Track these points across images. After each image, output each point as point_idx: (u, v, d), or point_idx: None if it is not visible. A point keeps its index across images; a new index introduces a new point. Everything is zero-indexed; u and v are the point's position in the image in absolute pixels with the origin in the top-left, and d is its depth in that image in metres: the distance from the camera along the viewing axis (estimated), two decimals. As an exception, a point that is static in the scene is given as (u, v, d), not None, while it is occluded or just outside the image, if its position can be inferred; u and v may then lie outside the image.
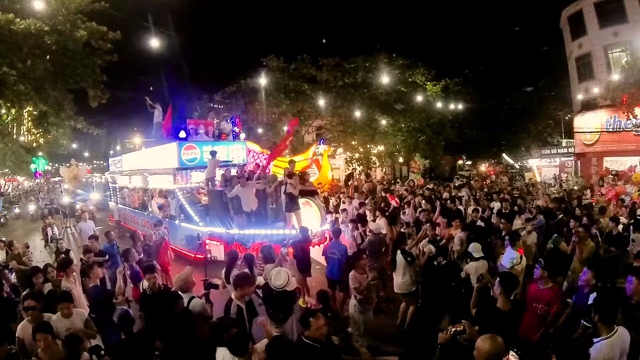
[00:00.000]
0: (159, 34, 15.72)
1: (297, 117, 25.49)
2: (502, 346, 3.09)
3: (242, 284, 5.33)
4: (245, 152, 15.17)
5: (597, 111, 26.23)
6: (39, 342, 4.26)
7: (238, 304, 5.22)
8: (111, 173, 21.19)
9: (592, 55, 27.68)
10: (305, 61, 27.29)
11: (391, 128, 29.68)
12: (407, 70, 29.06)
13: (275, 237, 10.33)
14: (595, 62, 27.47)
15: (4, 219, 20.21)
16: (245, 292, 5.30)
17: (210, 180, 12.71)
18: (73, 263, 7.21)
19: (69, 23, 15.43)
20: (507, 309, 4.45)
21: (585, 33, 28.00)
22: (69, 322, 5.14)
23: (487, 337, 3.17)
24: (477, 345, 3.16)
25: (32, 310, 5.03)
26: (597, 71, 27.27)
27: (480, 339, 3.20)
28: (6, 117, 18.20)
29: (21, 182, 43.06)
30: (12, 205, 27.49)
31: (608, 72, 25.48)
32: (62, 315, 5.16)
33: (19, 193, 36.57)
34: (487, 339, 3.15)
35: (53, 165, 37.68)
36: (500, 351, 3.08)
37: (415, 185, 19.50)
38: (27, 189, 41.18)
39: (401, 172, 37.59)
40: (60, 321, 5.10)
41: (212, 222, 11.79)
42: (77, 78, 17.25)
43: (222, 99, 30.76)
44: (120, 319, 4.98)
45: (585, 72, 28.66)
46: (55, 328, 4.80)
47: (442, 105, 30.02)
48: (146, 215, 15.65)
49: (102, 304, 6.11)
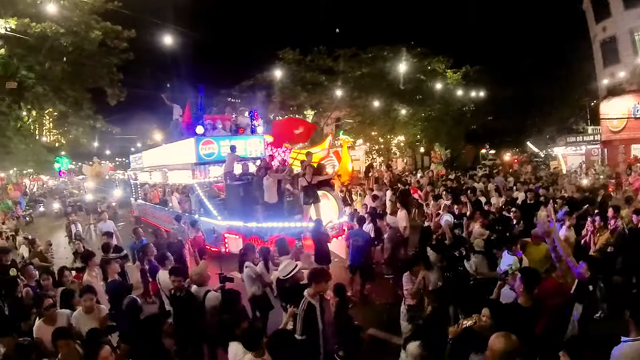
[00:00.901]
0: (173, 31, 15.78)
1: (315, 124, 25.32)
2: (516, 344, 2.95)
3: (319, 279, 4.77)
4: (264, 146, 15.11)
5: (623, 96, 25.42)
6: (61, 348, 4.23)
7: (310, 301, 4.66)
8: (132, 170, 21.47)
9: (617, 38, 26.65)
10: (322, 52, 27.12)
11: (411, 118, 29.28)
12: (426, 58, 28.59)
13: (292, 229, 10.29)
14: (621, 45, 26.44)
15: (29, 217, 20.69)
16: (322, 288, 4.78)
17: (229, 174, 12.70)
18: (94, 256, 7.28)
19: (83, 24, 15.69)
20: (529, 305, 4.26)
21: (609, 15, 26.92)
22: (92, 319, 5.04)
23: (501, 334, 3.03)
24: (490, 343, 3.03)
25: (51, 308, 5.02)
26: (623, 55, 26.25)
27: (494, 336, 3.06)
28: (27, 118, 18.61)
29: (45, 181, 44.04)
30: (37, 203, 28.13)
31: (634, 56, 24.66)
32: (84, 311, 5.08)
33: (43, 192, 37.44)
34: (501, 336, 3.01)
35: (76, 164, 38.45)
36: (514, 349, 2.93)
37: (435, 176, 19.20)
38: (52, 187, 42.19)
39: (422, 162, 37.15)
40: (82, 317, 5.04)
41: (230, 216, 11.81)
42: (95, 77, 17.62)
43: (239, 93, 30.84)
44: (127, 306, 5.19)
45: (610, 56, 27.60)
46: (77, 326, 4.81)
47: (462, 94, 29.52)
48: (167, 211, 15.81)
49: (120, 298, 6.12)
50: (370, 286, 8.57)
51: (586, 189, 13.67)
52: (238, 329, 4.11)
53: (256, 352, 3.71)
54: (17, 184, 22.78)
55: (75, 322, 4.94)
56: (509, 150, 39.28)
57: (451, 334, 3.91)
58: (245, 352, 3.78)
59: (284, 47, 27.11)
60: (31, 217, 20.99)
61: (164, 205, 16.65)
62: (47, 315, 4.95)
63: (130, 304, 5.27)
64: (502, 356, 2.92)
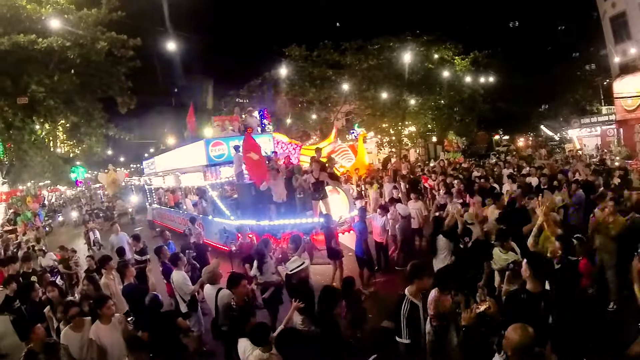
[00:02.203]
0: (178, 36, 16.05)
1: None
2: (532, 337, 2.95)
3: (420, 274, 4.39)
4: (273, 144, 15.18)
5: (636, 74, 24.77)
6: None
7: (412, 301, 4.30)
8: (146, 175, 21.77)
9: (627, 14, 25.98)
10: (328, 47, 27.02)
11: (421, 107, 29.08)
12: (433, 46, 28.32)
13: (304, 226, 10.35)
14: (631, 21, 25.77)
15: (49, 227, 21.14)
16: (424, 284, 4.38)
17: (239, 174, 12.81)
18: (112, 260, 7.48)
19: (89, 36, 15.97)
20: (538, 291, 4.15)
21: (617, -10, 26.41)
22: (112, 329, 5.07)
23: (518, 326, 3.02)
24: (506, 335, 3.03)
25: (77, 317, 5.14)
26: (634, 31, 25.58)
27: (510, 327, 3.04)
28: (40, 132, 19.04)
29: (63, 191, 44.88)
30: (56, 213, 28.70)
31: (646, 31, 24.06)
32: (102, 321, 5.05)
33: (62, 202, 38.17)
34: (517, 328, 3.00)
35: (92, 172, 39.09)
36: (530, 342, 2.94)
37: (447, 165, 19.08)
38: (70, 197, 42.99)
39: (435, 152, 36.86)
40: (101, 330, 5.02)
41: (242, 215, 11.91)
42: (104, 87, 17.94)
43: (247, 92, 30.98)
44: (150, 302, 5.59)
45: (621, 33, 26.95)
46: (98, 339, 4.90)
47: (472, 80, 29.18)
48: (181, 213, 16.02)
49: (135, 300, 6.29)
50: (383, 279, 8.59)
51: (602, 170, 13.38)
52: (247, 325, 4.19)
53: (264, 347, 3.79)
54: (35, 196, 23.26)
55: (95, 336, 4.93)
56: (523, 135, 38.80)
57: (464, 321, 3.85)
58: (254, 347, 3.85)
59: (289, 45, 27.16)
60: (51, 227, 21.44)
61: (178, 208, 16.88)
62: (75, 323, 5.08)
63: (152, 300, 5.63)
64: (519, 348, 2.94)
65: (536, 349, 3.06)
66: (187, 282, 6.60)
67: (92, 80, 17.22)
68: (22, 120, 16.29)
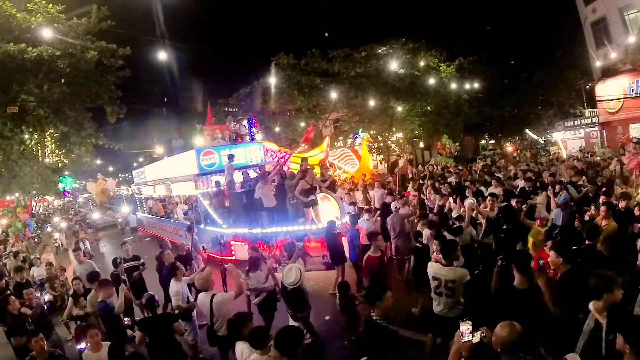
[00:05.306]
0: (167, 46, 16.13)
1: (313, 125, 25.59)
2: (520, 334, 2.96)
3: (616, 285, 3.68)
4: (263, 153, 15.31)
5: (618, 77, 25.32)
6: None
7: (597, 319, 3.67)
8: (136, 184, 21.73)
9: (608, 19, 26.64)
10: (316, 55, 27.15)
11: (408, 113, 29.37)
12: (419, 53, 28.70)
13: (297, 233, 10.44)
14: (612, 26, 26.42)
15: (38, 237, 20.92)
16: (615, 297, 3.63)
17: (230, 183, 12.91)
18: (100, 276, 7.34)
19: (79, 45, 15.97)
20: (525, 287, 4.28)
21: (598, -4, 27.04)
22: None
23: (506, 323, 3.04)
24: (495, 332, 3.06)
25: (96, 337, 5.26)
26: (614, 35, 26.22)
27: (499, 325, 3.06)
28: (29, 141, 18.88)
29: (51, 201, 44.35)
30: (45, 224, 28.37)
31: (626, 36, 24.55)
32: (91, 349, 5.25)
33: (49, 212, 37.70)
34: (505, 325, 3.03)
35: (80, 182, 38.70)
36: (517, 339, 2.95)
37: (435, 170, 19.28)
38: (58, 207, 42.51)
39: (423, 157, 37.18)
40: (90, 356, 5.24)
41: (235, 224, 12.00)
42: (93, 97, 17.88)
43: (236, 101, 31.06)
44: (147, 302, 5.83)
45: (602, 37, 27.54)
46: None
47: (458, 86, 29.55)
48: (172, 223, 16.03)
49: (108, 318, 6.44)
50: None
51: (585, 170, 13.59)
52: (244, 329, 4.27)
53: (262, 350, 3.86)
54: (25, 207, 23.00)
55: None
56: (509, 140, 39.32)
57: (463, 352, 3.36)
58: (252, 350, 3.93)
59: (277, 53, 27.27)
60: (39, 237, 21.21)
61: (169, 218, 16.89)
62: (93, 344, 5.20)
63: (149, 300, 5.86)
64: (507, 345, 2.95)
65: None
66: (179, 297, 6.48)
67: (81, 89, 17.12)
68: (11, 130, 16.19)
